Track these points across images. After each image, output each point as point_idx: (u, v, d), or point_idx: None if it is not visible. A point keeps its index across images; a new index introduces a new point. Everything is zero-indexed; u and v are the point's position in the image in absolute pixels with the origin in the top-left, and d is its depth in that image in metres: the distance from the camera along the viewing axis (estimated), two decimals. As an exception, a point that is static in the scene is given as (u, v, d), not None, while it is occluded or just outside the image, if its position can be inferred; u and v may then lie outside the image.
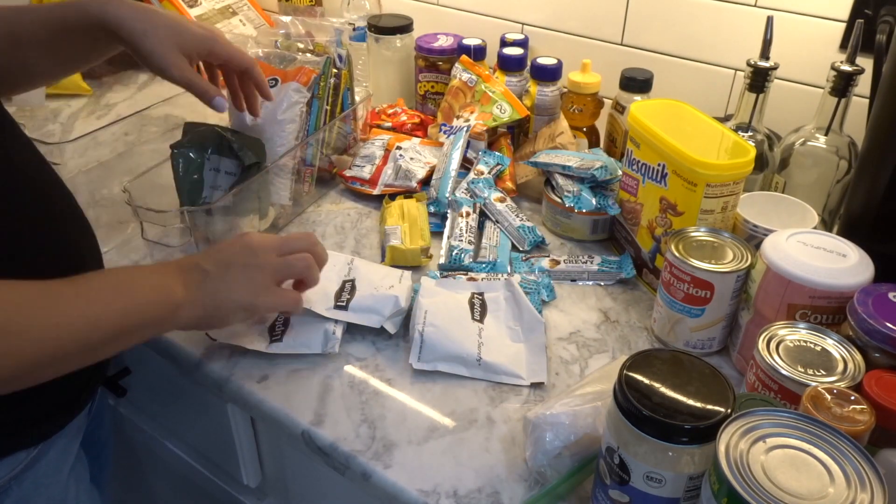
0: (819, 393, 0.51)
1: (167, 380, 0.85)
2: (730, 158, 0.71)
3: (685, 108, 0.81)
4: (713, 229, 0.72)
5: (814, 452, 0.42)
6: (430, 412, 0.66)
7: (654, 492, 0.48)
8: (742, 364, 0.70)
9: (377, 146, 1.03)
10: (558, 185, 0.90)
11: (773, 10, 0.92)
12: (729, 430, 0.43)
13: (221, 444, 0.84)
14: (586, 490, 0.59)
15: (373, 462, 0.61)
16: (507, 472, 0.61)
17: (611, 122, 1.01)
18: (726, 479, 0.40)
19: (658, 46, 1.05)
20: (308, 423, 0.65)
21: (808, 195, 0.81)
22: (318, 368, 0.71)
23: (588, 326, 0.77)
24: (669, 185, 0.75)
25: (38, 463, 0.63)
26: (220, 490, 0.92)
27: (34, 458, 0.62)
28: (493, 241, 0.88)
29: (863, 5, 0.85)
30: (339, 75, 0.95)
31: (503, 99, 1.01)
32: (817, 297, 0.62)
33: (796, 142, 0.84)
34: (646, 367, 0.50)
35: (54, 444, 0.64)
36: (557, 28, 1.13)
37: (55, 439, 0.64)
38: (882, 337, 0.56)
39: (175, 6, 1.28)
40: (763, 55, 0.82)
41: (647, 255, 0.82)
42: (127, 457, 1.05)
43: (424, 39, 1.13)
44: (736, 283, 0.68)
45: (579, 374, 0.71)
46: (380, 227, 0.92)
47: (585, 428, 0.58)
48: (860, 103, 0.80)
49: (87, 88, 1.23)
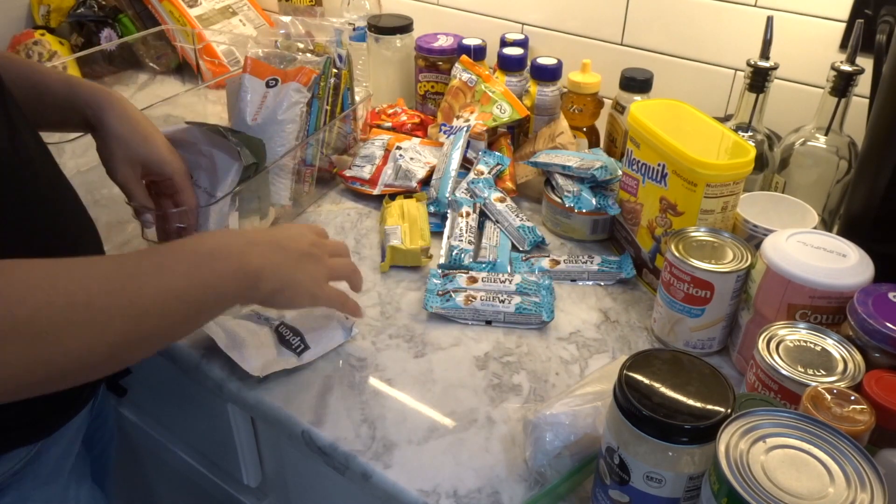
0: (819, 393, 0.51)
1: (167, 380, 0.85)
2: (730, 158, 0.71)
3: (685, 108, 0.81)
4: (713, 229, 0.72)
5: (814, 452, 0.42)
6: (430, 412, 0.66)
7: (654, 492, 0.48)
8: (742, 364, 0.70)
9: (377, 146, 1.03)
10: (558, 185, 0.90)
11: (773, 10, 0.92)
12: (729, 430, 0.43)
13: (221, 444, 0.84)
14: (586, 490, 0.59)
15: (373, 462, 0.61)
16: (507, 472, 0.61)
17: (611, 122, 1.01)
18: (726, 479, 0.40)
19: (658, 46, 1.05)
20: (308, 423, 0.65)
21: (808, 195, 0.81)
22: (318, 368, 0.71)
23: (588, 326, 0.77)
24: (669, 185, 0.75)
25: (38, 461, 0.63)
26: (220, 490, 0.92)
27: (34, 456, 0.62)
28: (493, 241, 0.88)
29: (863, 5, 0.85)
30: (339, 75, 0.95)
31: (503, 99, 1.01)
32: (817, 297, 0.62)
33: (796, 142, 0.84)
34: (646, 367, 0.50)
35: (55, 443, 0.64)
36: (557, 28, 1.13)
37: (56, 437, 0.64)
38: (882, 337, 0.56)
39: (175, 6, 1.28)
40: (763, 55, 0.82)
41: (647, 255, 0.82)
42: (127, 457, 1.05)
43: (424, 39, 1.13)
44: (736, 283, 0.68)
45: (579, 374, 0.71)
46: (380, 227, 0.92)
47: (585, 428, 0.58)
48: (860, 103, 0.80)
49: (87, 88, 1.23)
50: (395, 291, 0.82)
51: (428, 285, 0.80)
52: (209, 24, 1.29)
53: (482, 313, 0.76)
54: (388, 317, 0.78)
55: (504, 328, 0.76)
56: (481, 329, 0.76)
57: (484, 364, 0.72)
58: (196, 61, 1.25)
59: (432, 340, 0.75)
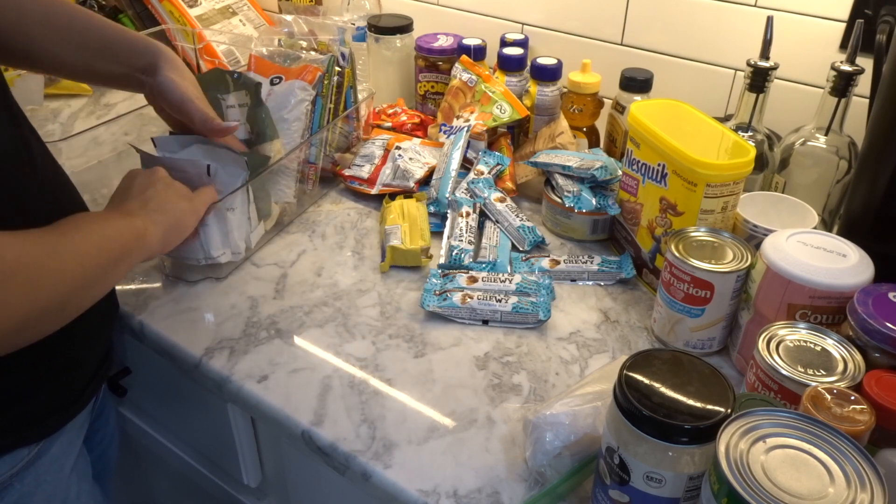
0: (819, 393, 0.51)
1: (167, 380, 0.85)
2: (730, 158, 0.71)
3: (685, 108, 0.81)
4: (713, 229, 0.72)
5: (814, 452, 0.42)
6: (430, 412, 0.66)
7: (654, 492, 0.48)
8: (742, 364, 0.70)
9: (377, 146, 1.03)
10: (558, 185, 0.90)
11: (773, 10, 0.92)
12: (729, 430, 0.43)
13: (221, 444, 0.84)
14: (586, 490, 0.59)
15: (373, 462, 0.61)
16: (507, 472, 0.61)
17: (611, 122, 1.01)
18: (726, 479, 0.40)
19: (658, 46, 1.05)
20: (308, 423, 0.65)
21: (808, 195, 0.81)
22: (318, 368, 0.71)
23: (588, 326, 0.77)
24: (669, 185, 0.75)
25: (39, 460, 0.63)
26: (220, 490, 0.92)
27: (36, 455, 0.62)
28: (493, 241, 0.88)
29: (863, 5, 0.85)
30: (343, 74, 0.95)
31: (503, 99, 1.01)
32: (817, 297, 0.62)
33: (796, 142, 0.84)
34: (646, 367, 0.50)
35: (57, 441, 0.64)
36: (557, 28, 1.13)
37: (57, 436, 0.64)
38: (882, 337, 0.56)
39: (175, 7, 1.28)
40: (763, 55, 0.82)
41: (647, 255, 0.82)
42: (127, 457, 1.05)
43: (424, 39, 1.13)
44: (736, 283, 0.68)
45: (579, 374, 0.71)
46: (380, 227, 0.92)
47: (585, 428, 0.58)
48: (860, 103, 0.80)
49: (87, 88, 1.23)
50: (395, 291, 0.82)
51: (426, 285, 0.80)
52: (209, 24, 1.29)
53: (479, 312, 0.76)
54: (387, 317, 0.78)
55: (504, 328, 0.76)
56: (481, 329, 0.76)
57: (484, 364, 0.72)
58: (196, 61, 1.25)
59: (432, 340, 0.75)
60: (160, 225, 0.64)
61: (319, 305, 0.79)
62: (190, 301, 0.79)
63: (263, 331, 0.75)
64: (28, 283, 0.49)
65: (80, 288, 0.55)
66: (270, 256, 0.87)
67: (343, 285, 0.82)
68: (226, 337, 0.75)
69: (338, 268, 0.86)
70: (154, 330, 0.76)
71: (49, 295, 0.51)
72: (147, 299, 0.79)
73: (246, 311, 0.78)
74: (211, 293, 0.81)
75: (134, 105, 1.06)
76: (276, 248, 0.89)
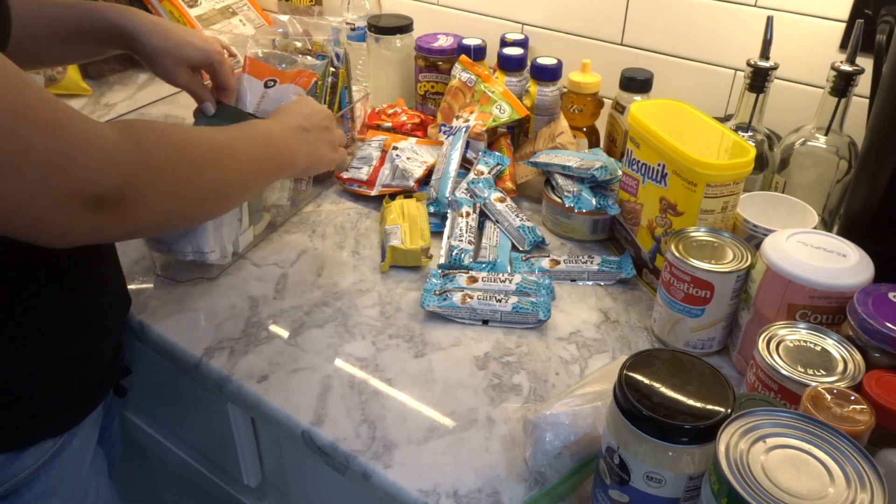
0: (819, 393, 0.51)
1: (167, 380, 0.85)
2: (730, 158, 0.71)
3: (685, 108, 0.81)
4: (713, 229, 0.72)
5: (814, 452, 0.42)
6: (430, 412, 0.66)
7: (654, 492, 0.48)
8: (742, 364, 0.70)
9: (374, 147, 1.04)
10: (558, 185, 0.90)
11: (773, 10, 0.92)
12: (729, 430, 0.43)
13: (221, 443, 0.84)
14: (586, 490, 0.59)
15: (373, 462, 0.61)
16: (507, 472, 0.61)
17: (611, 122, 1.01)
18: (726, 479, 0.40)
19: (658, 46, 1.05)
20: (308, 423, 0.65)
21: (808, 195, 0.81)
22: (318, 368, 0.71)
23: (588, 326, 0.77)
24: (669, 185, 0.75)
25: (63, 453, 0.64)
26: (220, 490, 0.92)
27: (60, 448, 0.63)
28: (493, 241, 0.88)
29: (863, 5, 0.85)
30: (337, 74, 0.94)
31: (503, 99, 1.01)
32: (817, 297, 0.62)
33: (796, 142, 0.84)
34: (646, 367, 0.50)
35: (77, 435, 0.65)
36: (557, 28, 1.13)
37: (78, 430, 0.65)
38: (882, 337, 0.56)
39: (175, 7, 1.28)
40: (763, 55, 0.82)
41: (647, 255, 0.82)
42: (127, 456, 1.05)
43: (424, 39, 1.13)
44: (736, 283, 0.68)
45: (579, 374, 0.71)
46: (380, 227, 0.92)
47: (585, 428, 0.58)
48: (860, 103, 0.80)
49: (87, 88, 1.23)
50: (395, 291, 0.82)
51: (426, 285, 0.80)
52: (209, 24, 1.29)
53: (479, 312, 0.76)
54: (387, 317, 0.78)
55: (504, 328, 0.76)
56: (481, 329, 0.76)
57: (484, 364, 0.72)
58: (196, 61, 1.25)
59: (432, 340, 0.75)
60: (307, 158, 0.75)
61: (319, 305, 0.79)
62: (190, 301, 0.79)
63: (263, 331, 0.75)
64: (214, 161, 0.59)
65: (242, 174, 0.64)
66: (270, 256, 0.87)
67: (343, 285, 0.83)
68: (226, 337, 0.75)
69: (338, 268, 0.86)
70: (154, 330, 0.76)
71: (225, 174, 0.60)
72: (147, 299, 0.79)
73: (246, 310, 0.78)
74: (211, 293, 0.81)
75: (134, 105, 1.06)
76: (277, 247, 0.89)
